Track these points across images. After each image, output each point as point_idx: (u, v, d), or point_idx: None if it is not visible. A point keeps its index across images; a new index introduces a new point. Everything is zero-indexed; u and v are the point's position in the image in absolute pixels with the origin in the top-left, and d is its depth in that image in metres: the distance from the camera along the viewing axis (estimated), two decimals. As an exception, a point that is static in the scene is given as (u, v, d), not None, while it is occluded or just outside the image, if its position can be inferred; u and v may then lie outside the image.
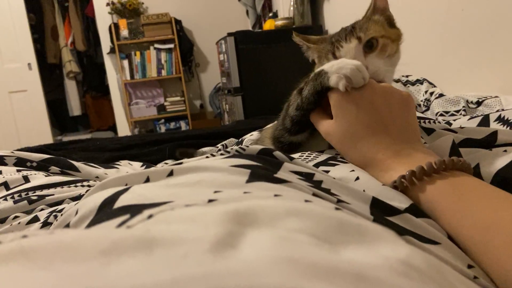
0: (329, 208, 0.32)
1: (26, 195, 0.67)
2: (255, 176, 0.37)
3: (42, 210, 0.61)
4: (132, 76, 4.11)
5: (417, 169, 0.42)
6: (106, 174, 0.89)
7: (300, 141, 0.63)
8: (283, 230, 0.23)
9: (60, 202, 0.63)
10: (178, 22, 4.15)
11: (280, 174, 0.39)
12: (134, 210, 0.31)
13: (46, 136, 4.27)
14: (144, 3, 4.17)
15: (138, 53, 4.09)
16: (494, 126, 1.03)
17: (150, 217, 0.27)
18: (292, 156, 0.46)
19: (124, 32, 3.99)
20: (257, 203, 0.26)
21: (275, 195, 0.33)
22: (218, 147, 1.33)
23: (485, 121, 1.06)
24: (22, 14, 4.07)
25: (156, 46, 4.08)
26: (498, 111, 1.10)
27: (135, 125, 4.24)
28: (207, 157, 0.47)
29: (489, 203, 0.38)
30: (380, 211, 0.38)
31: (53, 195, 0.66)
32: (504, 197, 0.39)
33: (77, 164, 0.87)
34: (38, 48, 4.50)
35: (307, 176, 0.42)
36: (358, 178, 0.44)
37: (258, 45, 2.65)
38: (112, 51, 4.11)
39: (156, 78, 4.19)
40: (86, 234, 0.22)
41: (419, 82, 1.44)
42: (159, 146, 1.47)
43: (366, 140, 0.49)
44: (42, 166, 0.83)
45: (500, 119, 1.03)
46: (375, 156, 0.48)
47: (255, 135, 1.20)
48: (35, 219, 0.58)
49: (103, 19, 4.11)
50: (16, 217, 0.60)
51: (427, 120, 0.78)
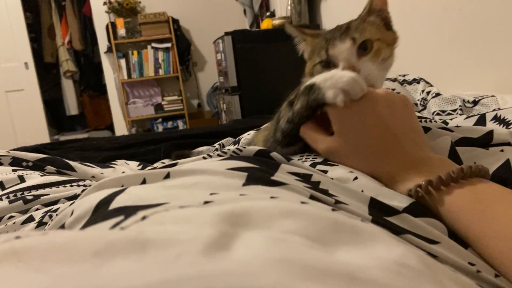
0: (325, 209, 0.32)
1: (21, 195, 0.67)
2: (252, 179, 0.37)
3: (38, 210, 0.61)
4: (129, 75, 4.10)
5: (434, 178, 0.41)
6: (102, 173, 0.89)
7: (293, 152, 0.59)
8: (277, 231, 0.23)
9: (55, 202, 0.63)
10: (175, 21, 4.14)
11: (277, 176, 0.39)
12: (129, 211, 0.30)
13: (43, 136, 4.25)
14: (141, 2, 4.16)
15: (135, 52, 4.08)
16: (491, 125, 1.03)
17: (144, 218, 0.27)
18: (289, 157, 0.46)
19: (121, 31, 3.98)
20: (251, 204, 0.26)
21: (271, 197, 0.33)
22: (215, 147, 1.33)
23: (481, 120, 1.06)
24: (19, 13, 4.05)
25: (154, 45, 4.07)
26: (494, 110, 1.11)
27: (132, 124, 4.23)
28: (203, 157, 0.47)
29: None
30: (379, 211, 0.38)
31: (48, 194, 0.66)
32: None
33: (73, 163, 0.86)
34: (35, 47, 4.48)
35: (305, 177, 0.42)
36: (356, 178, 0.44)
37: (255, 44, 2.64)
38: (109, 50, 4.10)
39: (154, 77, 4.18)
40: (80, 235, 0.22)
41: (416, 81, 1.44)
42: (156, 145, 1.46)
43: (378, 153, 0.47)
44: (38, 166, 0.83)
45: (496, 118, 1.03)
46: (389, 169, 0.46)
47: (252, 134, 1.20)
48: (30, 219, 0.58)
49: (100, 18, 4.10)
50: (11, 217, 0.59)
51: (423, 119, 0.78)
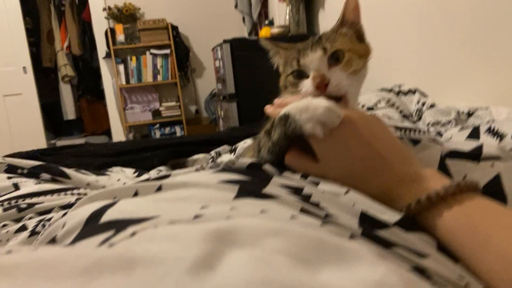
0: (313, 225, 0.32)
1: (15, 203, 0.67)
2: (243, 191, 0.37)
3: (31, 218, 0.61)
4: (127, 81, 4.11)
5: (433, 193, 0.41)
6: (97, 181, 0.89)
7: None
8: (262, 250, 0.23)
9: (49, 211, 0.63)
10: (174, 28, 4.16)
11: (268, 189, 0.40)
12: (119, 225, 0.31)
13: (39, 140, 4.24)
14: (141, 8, 4.18)
15: (134, 58, 4.09)
16: (485, 137, 1.04)
17: (133, 234, 0.27)
18: (281, 169, 0.47)
19: (120, 37, 4.00)
20: (239, 222, 0.27)
21: (261, 211, 0.33)
22: (211, 154, 1.34)
23: (475, 132, 1.07)
24: (18, 18, 4.06)
25: (152, 51, 4.09)
26: (488, 122, 1.12)
27: (129, 129, 4.23)
28: (196, 169, 0.48)
29: (508, 232, 0.37)
30: (369, 225, 0.38)
31: (42, 203, 0.66)
32: None
33: (68, 171, 0.87)
34: (33, 51, 4.49)
35: (296, 190, 0.42)
36: (347, 192, 0.44)
37: (253, 52, 2.65)
38: (108, 55, 4.11)
39: (152, 83, 4.19)
40: (68, 252, 0.22)
41: (411, 91, 1.45)
42: (152, 152, 1.47)
43: (366, 175, 0.46)
44: (33, 173, 0.83)
45: (490, 131, 1.04)
46: (379, 188, 0.46)
47: (248, 142, 1.20)
48: (23, 228, 0.58)
49: (100, 23, 4.11)
50: (4, 225, 0.59)
51: (413, 131, 0.79)
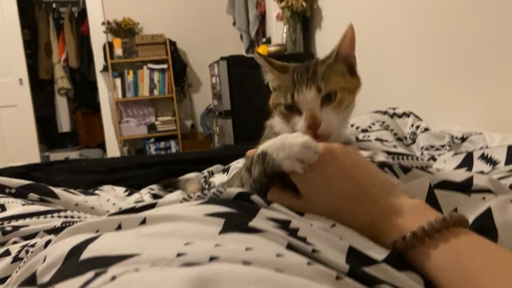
0: (299, 265, 0.31)
1: (1, 225, 0.66)
2: (229, 226, 0.37)
3: (15, 243, 0.59)
4: (124, 95, 4.11)
5: (418, 230, 0.40)
6: (86, 201, 0.87)
7: None
8: None
9: (34, 235, 0.62)
10: (172, 43, 4.19)
11: (255, 222, 0.39)
12: (99, 264, 0.30)
13: (33, 152, 4.21)
14: (140, 23, 4.21)
15: (131, 72, 4.10)
16: (478, 163, 1.04)
17: (113, 279, 0.26)
18: (269, 200, 0.46)
19: (118, 51, 4.01)
20: (221, 269, 0.26)
21: (247, 249, 0.32)
22: (204, 174, 1.33)
23: (469, 158, 1.07)
24: (16, 30, 4.08)
25: (150, 66, 4.11)
26: (481, 148, 1.12)
27: (124, 143, 4.21)
28: (184, 198, 0.47)
29: (498, 272, 0.36)
30: (357, 261, 0.38)
31: (28, 226, 0.65)
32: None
33: (57, 191, 0.85)
34: (30, 63, 4.49)
35: (284, 224, 0.41)
36: (334, 225, 0.44)
37: (250, 69, 2.66)
38: (105, 69, 4.12)
39: (148, 98, 4.20)
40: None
41: (406, 115, 1.45)
42: (144, 170, 1.45)
43: (350, 207, 0.45)
44: (20, 193, 0.82)
45: (483, 157, 1.04)
46: (363, 221, 0.45)
47: (241, 162, 1.20)
48: (7, 253, 0.56)
49: (98, 37, 4.14)
50: (-13, 249, 0.58)
51: (405, 157, 0.78)
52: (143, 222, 0.38)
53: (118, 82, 4.08)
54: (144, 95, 4.14)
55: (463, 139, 1.23)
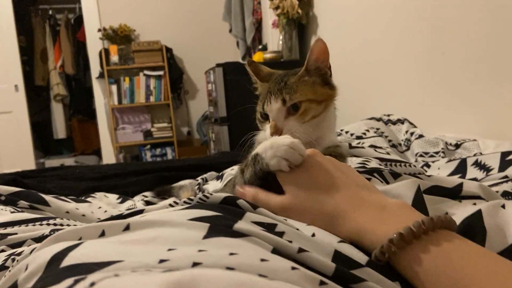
0: (282, 270, 0.31)
1: (-12, 232, 0.65)
2: (213, 230, 0.36)
3: (2, 251, 0.59)
4: (120, 101, 4.10)
5: (404, 231, 0.38)
6: (77, 209, 0.87)
7: None
8: None
9: (21, 243, 0.61)
10: (169, 50, 4.19)
11: (240, 224, 0.39)
12: (79, 271, 0.30)
13: (28, 159, 4.18)
14: (136, 30, 4.22)
15: (127, 78, 4.10)
16: (471, 170, 1.04)
17: (92, 285, 0.26)
18: (255, 205, 0.46)
19: (114, 58, 4.02)
20: (201, 273, 0.26)
21: (230, 254, 0.32)
22: (198, 180, 1.32)
23: (462, 165, 1.07)
24: (12, 36, 4.07)
25: (146, 72, 4.11)
26: (475, 155, 1.12)
27: (120, 150, 4.20)
28: (170, 204, 0.47)
29: (489, 281, 0.35)
30: (342, 264, 0.37)
31: (16, 234, 0.64)
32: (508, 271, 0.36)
33: (47, 198, 0.84)
34: (26, 70, 4.48)
35: (269, 227, 0.41)
36: (314, 235, 0.43)
37: (246, 76, 2.66)
38: (101, 75, 4.12)
39: (144, 104, 4.19)
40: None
41: (400, 121, 1.46)
42: (138, 177, 1.44)
43: (331, 201, 0.46)
44: (10, 200, 0.81)
45: (477, 164, 1.05)
46: (352, 226, 0.44)
47: (235, 169, 1.19)
48: (-7, 262, 0.55)
49: (94, 44, 4.14)
50: (-27, 257, 0.57)
51: (398, 163, 0.78)
52: (127, 228, 0.37)
53: (114, 88, 4.08)
54: (140, 102, 4.14)
55: (457, 146, 1.23)
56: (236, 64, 2.89)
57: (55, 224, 0.70)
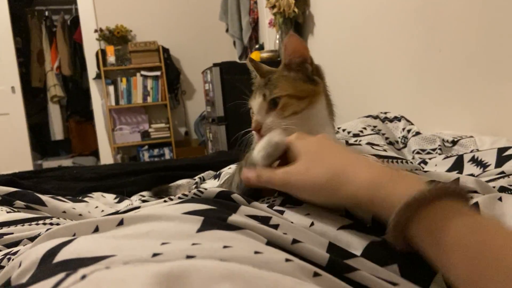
0: (276, 262, 0.31)
1: (-16, 232, 0.65)
2: (207, 224, 0.36)
3: (-2, 251, 0.58)
4: (117, 102, 4.10)
5: (427, 190, 0.34)
6: (74, 208, 0.86)
7: None
8: None
9: (17, 243, 0.61)
10: (165, 50, 4.19)
11: (234, 217, 0.39)
12: (71, 266, 0.30)
13: (26, 160, 4.17)
14: (133, 30, 4.21)
15: (124, 79, 4.09)
16: (468, 166, 1.04)
17: (83, 277, 0.26)
18: (250, 199, 0.46)
19: (111, 59, 4.01)
20: (193, 264, 0.26)
21: (224, 247, 0.32)
22: (195, 180, 1.32)
23: (459, 161, 1.07)
24: (9, 38, 4.06)
25: (143, 73, 4.10)
26: (472, 151, 1.12)
27: (117, 151, 4.19)
28: (164, 201, 0.47)
29: None
30: (336, 255, 0.37)
31: (12, 234, 0.64)
32: None
33: (44, 198, 0.84)
34: (23, 71, 4.47)
35: (264, 220, 0.41)
36: (312, 224, 0.43)
37: (243, 76, 2.66)
38: (98, 76, 4.11)
39: (142, 105, 4.19)
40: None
41: (397, 119, 1.46)
42: (136, 177, 1.44)
43: (339, 158, 0.44)
44: (6, 200, 0.81)
45: (473, 160, 1.05)
46: (354, 169, 0.42)
47: (233, 168, 1.19)
48: (-11, 261, 0.55)
49: (91, 45, 4.13)
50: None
51: (395, 160, 0.78)
52: (121, 223, 0.37)
53: (111, 89, 4.07)
54: (137, 103, 4.13)
55: (454, 143, 1.24)
56: (233, 63, 2.89)
57: (51, 224, 0.69)
